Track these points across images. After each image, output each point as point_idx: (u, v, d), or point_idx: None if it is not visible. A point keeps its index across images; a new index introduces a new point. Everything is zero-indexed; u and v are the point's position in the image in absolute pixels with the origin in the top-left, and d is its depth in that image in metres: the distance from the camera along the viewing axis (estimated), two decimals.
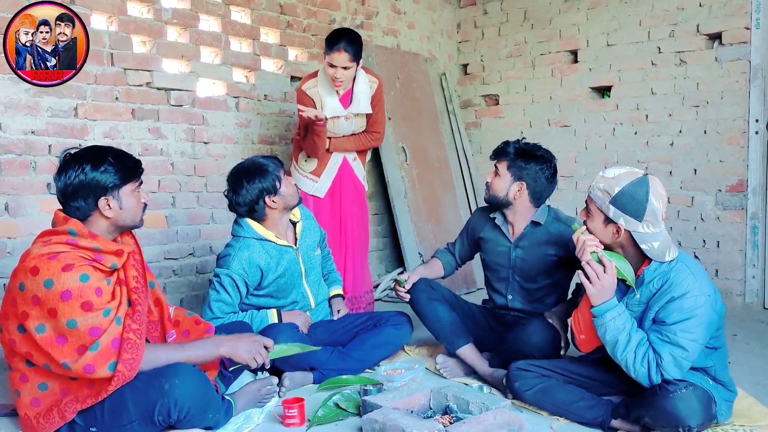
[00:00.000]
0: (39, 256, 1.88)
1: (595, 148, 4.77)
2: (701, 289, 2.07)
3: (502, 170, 2.78)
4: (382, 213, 4.87)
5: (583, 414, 2.24)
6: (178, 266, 3.68)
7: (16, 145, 3.06)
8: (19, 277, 1.89)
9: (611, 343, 2.12)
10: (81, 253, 1.91)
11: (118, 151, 2.05)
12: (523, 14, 5.09)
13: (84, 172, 1.95)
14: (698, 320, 2.04)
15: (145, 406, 1.90)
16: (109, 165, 1.98)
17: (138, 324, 1.95)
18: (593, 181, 2.20)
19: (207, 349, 2.06)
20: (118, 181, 1.99)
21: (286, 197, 2.79)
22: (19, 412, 2.00)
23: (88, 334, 1.84)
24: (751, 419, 2.27)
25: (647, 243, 2.11)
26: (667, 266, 2.12)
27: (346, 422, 2.31)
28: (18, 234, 3.08)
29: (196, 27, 3.73)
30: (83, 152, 2.01)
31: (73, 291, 1.82)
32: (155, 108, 3.54)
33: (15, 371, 1.97)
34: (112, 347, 1.86)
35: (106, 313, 1.87)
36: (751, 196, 4.13)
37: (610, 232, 2.16)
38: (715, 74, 4.22)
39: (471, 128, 5.42)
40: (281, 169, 2.80)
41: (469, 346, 2.77)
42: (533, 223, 2.80)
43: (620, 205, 2.10)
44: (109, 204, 1.98)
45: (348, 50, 3.23)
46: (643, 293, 2.16)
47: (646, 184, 2.10)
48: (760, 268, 4.14)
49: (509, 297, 2.91)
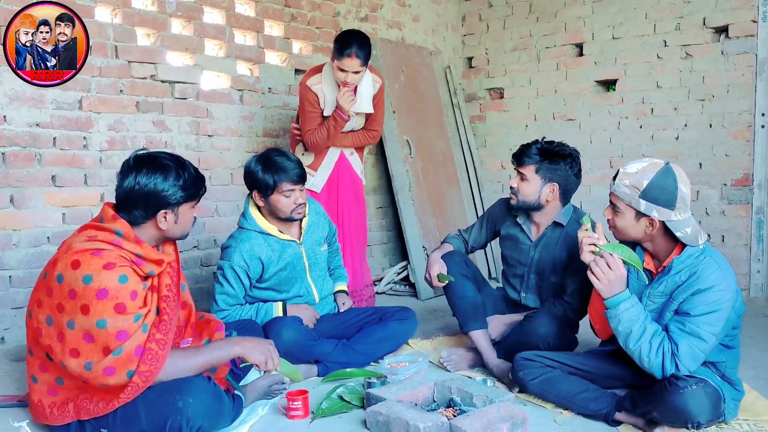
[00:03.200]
0: (83, 251, 1.84)
1: (600, 142, 4.75)
2: (728, 284, 2.06)
3: (530, 174, 2.72)
4: (386, 206, 4.87)
5: (587, 405, 2.24)
6: (182, 259, 3.65)
7: (21, 137, 3.07)
8: (59, 267, 1.84)
9: (624, 334, 2.10)
10: (123, 254, 1.88)
11: (188, 167, 2.01)
12: (529, 7, 5.07)
13: (154, 182, 1.92)
14: (722, 314, 2.04)
15: (156, 420, 1.87)
16: (179, 180, 1.96)
17: (163, 334, 1.90)
18: (616, 179, 2.17)
19: (223, 351, 2.03)
20: (182, 199, 1.98)
21: (273, 206, 2.73)
22: (32, 397, 1.98)
23: (115, 337, 1.80)
24: (754, 413, 2.26)
25: (681, 230, 2.10)
26: (695, 259, 2.11)
27: (350, 415, 2.31)
28: (23, 226, 3.09)
29: (201, 20, 3.73)
30: (155, 158, 1.97)
31: (110, 290, 1.80)
32: (159, 101, 3.55)
33: (35, 358, 1.95)
34: (134, 354, 1.82)
35: (136, 319, 1.84)
36: (757, 190, 4.12)
37: (642, 226, 2.14)
38: (721, 68, 4.20)
39: (475, 122, 5.41)
40: (286, 183, 2.68)
41: (483, 332, 2.77)
42: (555, 224, 2.79)
43: (651, 198, 2.09)
44: (166, 217, 1.97)
45: (359, 55, 3.20)
46: (668, 284, 2.15)
47: (672, 172, 2.11)
48: (765, 263, 4.13)
49: (523, 294, 2.91)
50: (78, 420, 1.93)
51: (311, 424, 2.24)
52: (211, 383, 1.99)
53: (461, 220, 4.83)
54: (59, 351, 1.84)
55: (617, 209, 2.18)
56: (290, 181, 2.70)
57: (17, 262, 3.08)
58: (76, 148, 3.25)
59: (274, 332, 2.59)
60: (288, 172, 2.70)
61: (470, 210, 5.05)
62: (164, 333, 1.91)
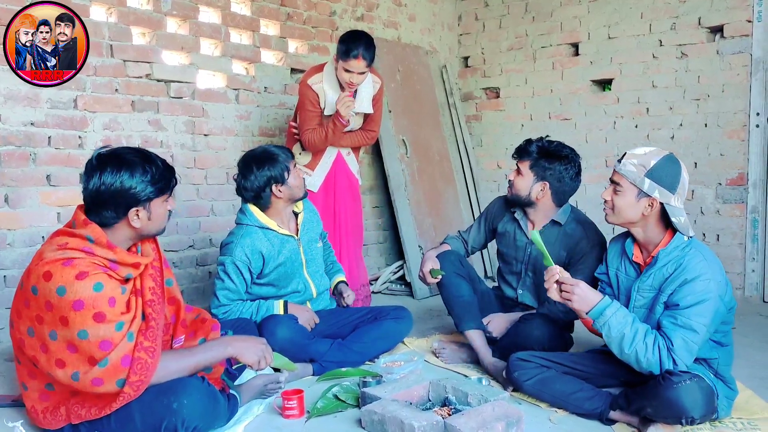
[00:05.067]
0: (53, 262, 1.78)
1: (596, 142, 4.76)
2: (714, 273, 2.10)
3: (525, 170, 2.76)
4: (383, 206, 4.87)
5: (582, 405, 2.25)
6: (177, 258, 3.68)
7: (16, 136, 3.06)
8: (32, 279, 1.80)
9: (617, 339, 2.10)
10: (95, 260, 1.82)
11: (154, 159, 1.93)
12: (525, 7, 5.08)
13: (121, 180, 1.85)
14: (711, 304, 2.07)
15: (152, 422, 1.85)
16: (146, 175, 1.87)
17: (151, 341, 1.86)
18: (622, 159, 2.22)
19: (216, 351, 2.02)
20: (152, 194, 1.90)
21: (293, 188, 2.82)
22: (25, 403, 1.98)
23: (98, 347, 1.76)
24: (749, 412, 2.27)
25: (677, 216, 2.15)
26: (681, 251, 2.15)
27: (345, 414, 2.31)
28: (18, 225, 3.08)
29: (196, 18, 3.72)
30: (119, 155, 1.89)
31: (85, 301, 1.74)
32: (155, 100, 3.54)
33: (23, 366, 1.94)
34: (121, 365, 1.78)
35: (118, 327, 1.79)
36: (752, 189, 4.13)
37: (641, 206, 2.18)
38: (717, 67, 4.21)
39: (471, 121, 5.42)
40: (291, 160, 2.83)
41: (479, 332, 2.77)
42: (553, 222, 2.79)
43: (656, 177, 2.14)
44: (138, 215, 1.90)
45: (366, 57, 3.22)
46: (656, 277, 2.19)
47: (677, 160, 2.19)
48: (760, 262, 4.14)
49: (519, 292, 2.91)
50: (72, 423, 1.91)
51: (306, 423, 2.24)
52: (206, 383, 1.98)
53: (457, 220, 4.84)
54: (44, 362, 1.81)
55: (618, 188, 2.22)
56: (291, 157, 2.86)
57: (12, 261, 3.07)
58: (71, 148, 3.24)
59: (268, 330, 2.60)
60: (286, 152, 2.84)
61: (466, 209, 5.05)
62: (152, 340, 1.87)
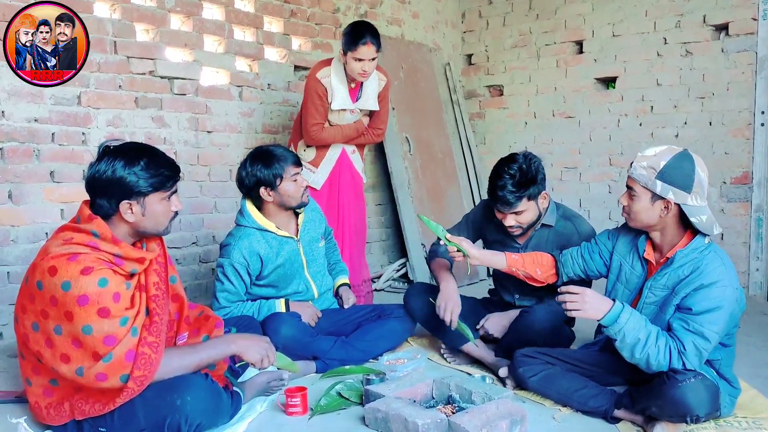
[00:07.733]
0: (58, 256, 1.79)
1: (600, 140, 4.75)
2: (731, 280, 2.05)
3: (523, 207, 2.64)
4: (386, 204, 4.86)
5: (586, 402, 2.24)
6: (181, 255, 3.68)
7: (20, 132, 3.06)
8: (37, 274, 1.80)
9: (630, 345, 2.05)
10: (100, 255, 1.82)
11: (157, 155, 1.92)
12: (528, 4, 5.06)
13: (113, 169, 1.84)
14: (724, 312, 2.02)
15: (155, 419, 1.85)
16: (141, 169, 1.86)
17: (155, 336, 1.86)
18: (633, 162, 2.16)
19: (219, 349, 2.02)
20: (146, 188, 1.88)
21: (284, 196, 2.76)
22: (29, 399, 1.98)
23: (103, 342, 1.76)
24: (753, 411, 2.26)
25: (696, 216, 2.07)
26: (700, 253, 2.09)
27: (348, 411, 2.31)
28: (21, 222, 3.08)
29: (200, 15, 3.71)
30: (121, 147, 1.89)
31: (90, 296, 1.74)
32: (158, 96, 3.54)
33: (27, 361, 1.94)
34: (125, 360, 1.78)
35: (123, 322, 1.79)
36: (756, 188, 4.12)
37: (657, 209, 2.12)
38: (721, 65, 4.20)
39: (475, 119, 5.41)
40: (290, 167, 2.74)
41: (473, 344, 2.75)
42: (543, 226, 2.77)
43: (668, 179, 2.07)
44: (131, 208, 1.88)
45: (374, 42, 3.25)
46: (670, 277, 2.14)
47: (690, 156, 2.10)
48: (764, 261, 4.13)
49: (516, 296, 2.90)
50: (75, 419, 1.91)
51: (310, 420, 2.24)
52: (209, 380, 1.98)
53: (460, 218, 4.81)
54: (49, 356, 1.82)
55: (633, 193, 2.16)
56: (293, 164, 2.77)
57: (15, 257, 3.07)
58: (75, 144, 3.24)
59: (272, 329, 2.59)
60: (287, 158, 2.77)
61: (469, 207, 5.03)
62: (156, 335, 1.87)
